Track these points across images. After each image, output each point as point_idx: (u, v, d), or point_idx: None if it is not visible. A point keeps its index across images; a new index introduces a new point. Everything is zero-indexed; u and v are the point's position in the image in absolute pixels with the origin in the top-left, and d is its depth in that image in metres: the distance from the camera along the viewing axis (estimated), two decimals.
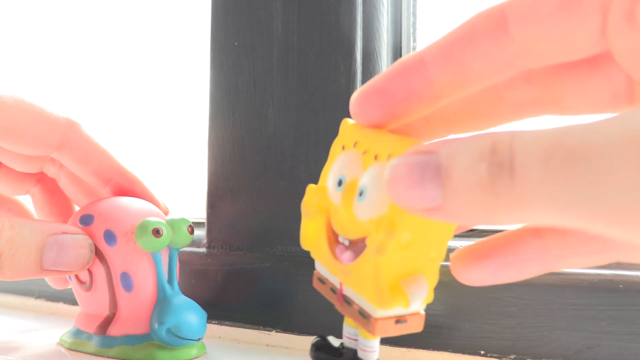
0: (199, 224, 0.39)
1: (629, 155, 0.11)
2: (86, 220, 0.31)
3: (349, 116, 0.19)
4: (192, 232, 0.31)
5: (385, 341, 0.21)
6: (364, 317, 0.18)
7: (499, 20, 0.16)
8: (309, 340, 0.33)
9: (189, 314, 0.29)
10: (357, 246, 0.18)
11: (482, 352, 0.29)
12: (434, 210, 0.14)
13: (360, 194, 0.18)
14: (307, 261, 0.33)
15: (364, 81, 0.33)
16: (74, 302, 0.43)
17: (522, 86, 0.18)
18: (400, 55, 0.35)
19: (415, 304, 0.17)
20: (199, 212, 0.39)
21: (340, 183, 0.19)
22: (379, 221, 0.17)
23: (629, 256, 0.17)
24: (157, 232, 0.29)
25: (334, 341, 0.21)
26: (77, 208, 0.35)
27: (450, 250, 0.19)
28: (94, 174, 0.32)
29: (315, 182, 0.20)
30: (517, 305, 0.28)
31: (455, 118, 0.19)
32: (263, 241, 0.35)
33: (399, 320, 0.18)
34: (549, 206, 0.12)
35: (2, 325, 0.41)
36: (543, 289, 0.28)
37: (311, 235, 0.20)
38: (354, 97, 0.18)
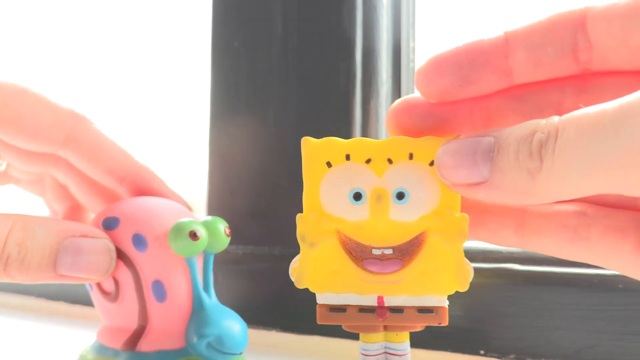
0: None
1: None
2: (110, 223, 0.27)
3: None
4: (229, 235, 0.27)
5: None
6: (428, 313, 0.18)
7: (580, 16, 0.17)
8: (309, 340, 0.33)
9: (231, 325, 0.26)
10: (400, 251, 0.18)
11: (482, 352, 0.29)
12: (479, 185, 0.16)
13: (400, 197, 0.18)
14: None
15: (364, 81, 0.33)
16: (74, 302, 0.43)
17: (572, 93, 0.19)
18: (400, 55, 0.35)
19: None
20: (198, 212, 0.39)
21: (358, 197, 0.18)
22: (437, 212, 0.18)
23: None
24: (194, 235, 0.25)
25: None
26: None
27: None
28: (108, 172, 0.28)
29: None
30: (517, 305, 0.28)
31: (499, 116, 0.19)
32: (263, 241, 0.35)
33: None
34: (578, 170, 0.14)
35: (2, 325, 0.41)
36: (543, 289, 0.28)
37: (320, 267, 0.19)
38: (431, 60, 0.18)
